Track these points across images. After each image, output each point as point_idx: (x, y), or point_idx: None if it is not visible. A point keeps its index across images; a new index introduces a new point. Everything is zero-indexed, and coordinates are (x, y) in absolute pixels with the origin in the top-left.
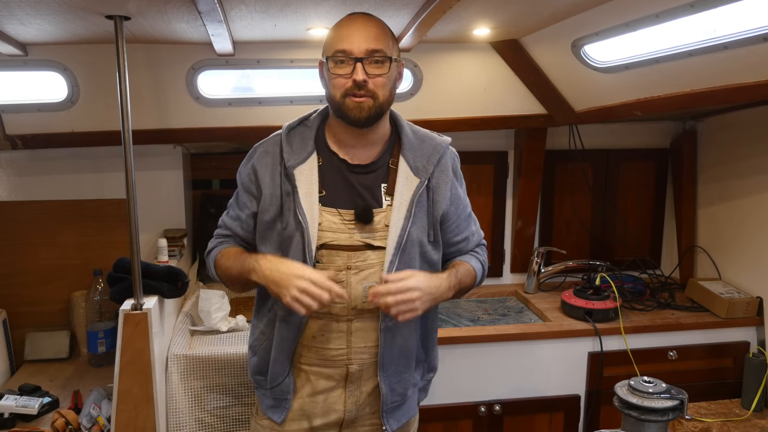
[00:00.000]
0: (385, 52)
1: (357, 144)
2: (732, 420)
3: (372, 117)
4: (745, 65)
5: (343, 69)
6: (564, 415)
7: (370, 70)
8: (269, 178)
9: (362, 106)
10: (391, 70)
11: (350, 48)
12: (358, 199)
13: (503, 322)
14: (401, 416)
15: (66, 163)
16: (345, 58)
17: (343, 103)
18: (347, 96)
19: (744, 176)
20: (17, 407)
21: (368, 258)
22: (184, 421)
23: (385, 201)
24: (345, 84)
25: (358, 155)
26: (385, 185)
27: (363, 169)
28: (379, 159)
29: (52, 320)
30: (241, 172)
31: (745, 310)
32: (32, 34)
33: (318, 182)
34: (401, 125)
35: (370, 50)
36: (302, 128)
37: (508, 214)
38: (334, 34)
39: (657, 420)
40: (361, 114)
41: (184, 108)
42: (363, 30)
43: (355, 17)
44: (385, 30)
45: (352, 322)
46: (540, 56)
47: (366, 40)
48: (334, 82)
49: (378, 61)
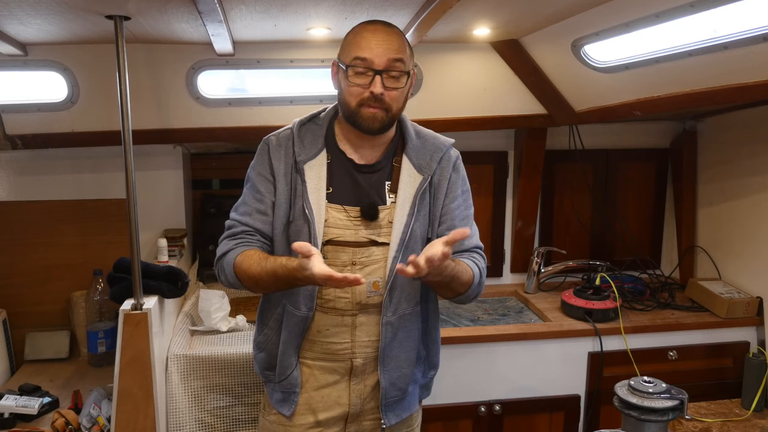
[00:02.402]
0: (404, 64)
1: (364, 145)
2: (732, 420)
3: (384, 127)
4: (745, 65)
5: (362, 79)
6: (564, 415)
7: (388, 84)
8: (283, 170)
9: (376, 117)
10: (407, 84)
11: (371, 58)
12: (364, 197)
13: (503, 322)
14: (401, 411)
15: (66, 163)
16: (365, 69)
17: (358, 112)
18: (362, 106)
19: (744, 176)
20: (17, 407)
21: (372, 254)
22: (184, 421)
23: (389, 198)
24: (362, 93)
25: (365, 155)
26: (389, 183)
27: (369, 169)
28: (383, 158)
29: (52, 320)
30: (256, 165)
31: (745, 310)
32: (32, 34)
33: (326, 179)
34: (406, 125)
35: (391, 60)
36: (313, 125)
37: (508, 214)
38: (354, 39)
39: (657, 420)
40: (374, 125)
41: (184, 108)
42: (385, 41)
43: (376, 25)
44: (404, 41)
45: (357, 317)
46: (540, 56)
47: (387, 51)
48: (350, 90)
49: (395, 75)
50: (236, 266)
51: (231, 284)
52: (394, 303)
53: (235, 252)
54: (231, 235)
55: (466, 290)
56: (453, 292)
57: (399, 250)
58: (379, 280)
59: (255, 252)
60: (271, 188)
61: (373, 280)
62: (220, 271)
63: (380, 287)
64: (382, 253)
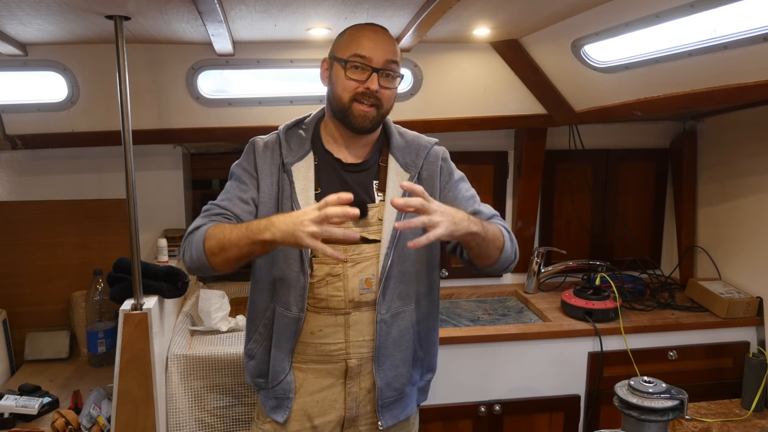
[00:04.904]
0: (398, 66)
1: (350, 144)
2: (732, 420)
3: (374, 126)
4: (745, 65)
5: (359, 75)
6: (564, 415)
7: (383, 83)
8: (268, 170)
9: (367, 116)
10: (398, 86)
11: (371, 56)
12: (354, 196)
13: (503, 322)
14: (398, 412)
15: (66, 163)
16: (363, 65)
17: (350, 108)
18: (355, 101)
19: (744, 176)
20: (17, 407)
21: (364, 251)
22: (184, 421)
23: (377, 196)
24: (356, 88)
25: (352, 154)
26: (377, 182)
27: (356, 168)
28: (370, 158)
29: (52, 320)
30: (241, 162)
31: (745, 310)
32: (32, 34)
33: (314, 180)
34: (389, 127)
35: (388, 61)
36: (298, 129)
37: (508, 214)
38: (352, 38)
39: (657, 420)
40: (365, 123)
41: (184, 108)
42: (383, 42)
43: (374, 27)
44: (397, 46)
45: (350, 315)
46: (540, 56)
47: (386, 51)
48: (345, 84)
49: (390, 75)
50: (207, 235)
51: (194, 259)
52: (388, 300)
53: (208, 226)
54: (206, 215)
55: (500, 243)
56: (491, 245)
57: (390, 247)
58: (371, 277)
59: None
60: (255, 183)
61: (365, 277)
62: (187, 246)
63: (372, 284)
64: (373, 250)
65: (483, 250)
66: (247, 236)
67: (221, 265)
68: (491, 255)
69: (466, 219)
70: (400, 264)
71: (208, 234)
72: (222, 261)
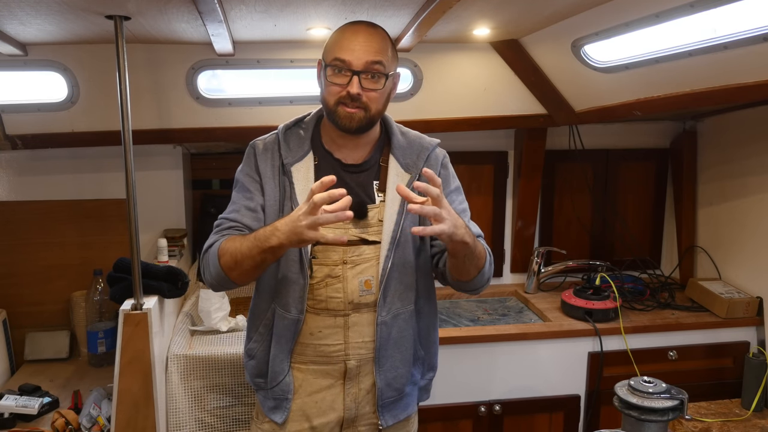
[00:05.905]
0: (383, 66)
1: (349, 145)
2: (732, 420)
3: (362, 127)
4: (745, 65)
5: (340, 78)
6: (564, 415)
7: (366, 84)
8: (270, 173)
9: (353, 117)
10: (386, 85)
11: (350, 59)
12: (353, 196)
13: (503, 322)
14: (398, 412)
15: (66, 163)
16: (343, 68)
17: (335, 111)
18: (340, 104)
19: (744, 176)
20: (17, 407)
21: (363, 252)
22: (184, 421)
23: (377, 197)
24: (339, 92)
25: (351, 155)
26: (377, 183)
27: (356, 168)
28: (370, 158)
29: (52, 320)
30: (243, 168)
31: (745, 310)
32: (32, 34)
33: (314, 180)
34: (391, 126)
35: (370, 63)
36: (298, 129)
37: (508, 214)
38: (336, 40)
39: (657, 420)
40: (351, 124)
41: (184, 108)
42: (365, 42)
43: (359, 26)
44: (386, 42)
45: (349, 317)
46: (540, 56)
47: (366, 52)
48: (329, 89)
49: (374, 76)
50: (220, 251)
51: (213, 276)
52: (388, 302)
53: (220, 242)
54: (218, 231)
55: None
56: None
57: (390, 248)
58: (371, 279)
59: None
60: (259, 187)
61: (364, 278)
62: (205, 266)
63: (372, 286)
64: (373, 252)
65: (465, 265)
66: (256, 246)
67: (241, 278)
68: (470, 272)
69: (463, 227)
70: (401, 265)
71: (221, 250)
72: (240, 274)
